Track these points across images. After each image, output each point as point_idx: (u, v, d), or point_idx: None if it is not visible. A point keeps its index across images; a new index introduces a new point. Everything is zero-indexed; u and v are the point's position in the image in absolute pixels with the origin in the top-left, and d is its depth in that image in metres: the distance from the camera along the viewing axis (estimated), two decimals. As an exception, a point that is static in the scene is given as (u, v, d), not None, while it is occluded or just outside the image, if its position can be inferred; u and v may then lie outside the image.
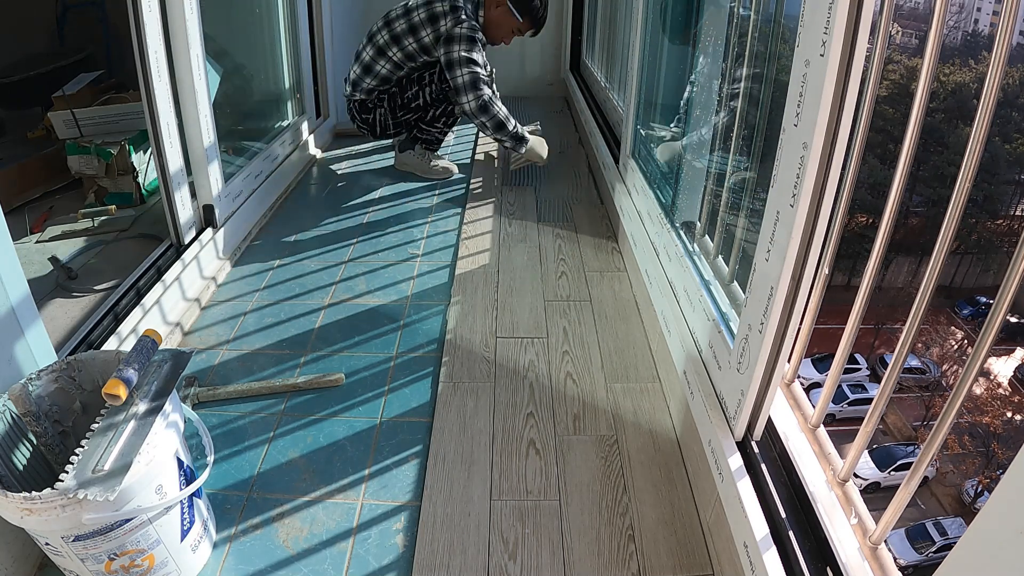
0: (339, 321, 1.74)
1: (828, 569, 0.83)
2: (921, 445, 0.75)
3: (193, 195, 1.89)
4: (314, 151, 3.00)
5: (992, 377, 11.02)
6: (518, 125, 2.51)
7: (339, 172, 2.84)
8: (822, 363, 10.30)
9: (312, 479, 1.25)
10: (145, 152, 2.26)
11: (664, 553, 1.10)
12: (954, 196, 0.69)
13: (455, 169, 2.77)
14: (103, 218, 2.05)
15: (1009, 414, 10.52)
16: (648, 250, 1.69)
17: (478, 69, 2.40)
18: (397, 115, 2.62)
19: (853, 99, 0.79)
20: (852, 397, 10.14)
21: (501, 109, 2.44)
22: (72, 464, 0.87)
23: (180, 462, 0.99)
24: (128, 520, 0.92)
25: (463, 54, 2.37)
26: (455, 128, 3.24)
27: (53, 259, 1.74)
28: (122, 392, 0.93)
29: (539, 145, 2.60)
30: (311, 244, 2.18)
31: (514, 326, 1.71)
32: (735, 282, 1.29)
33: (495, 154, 2.94)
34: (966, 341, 12.10)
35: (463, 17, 2.40)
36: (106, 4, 3.01)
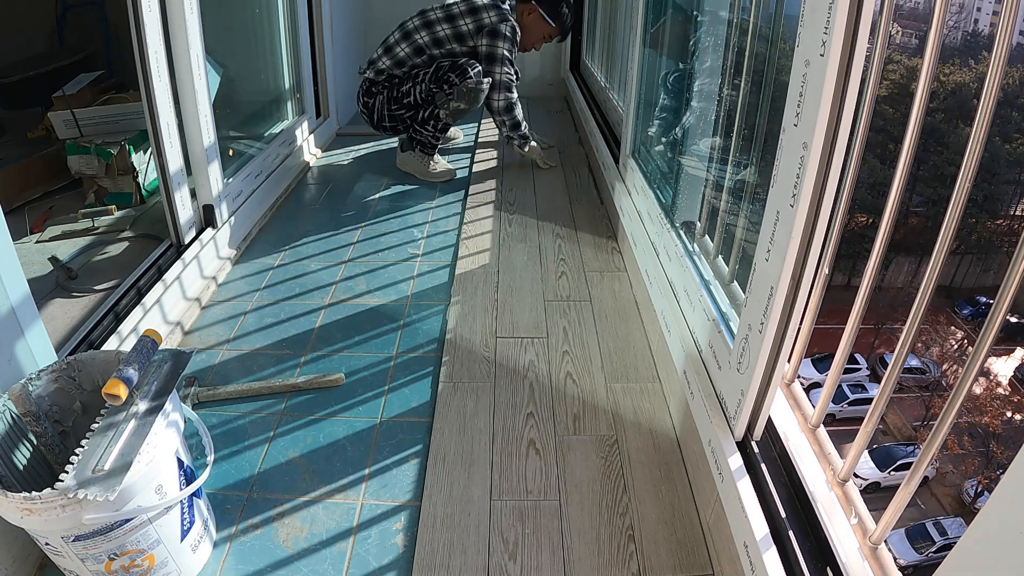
0: (339, 321, 1.75)
1: (828, 569, 0.83)
2: (921, 445, 0.75)
3: (193, 195, 1.89)
4: (314, 151, 3.00)
5: (992, 377, 11.01)
6: (527, 128, 2.75)
7: (339, 172, 2.84)
8: (822, 363, 10.28)
9: (312, 479, 1.25)
10: (145, 152, 2.26)
11: (664, 553, 1.10)
12: (954, 196, 0.69)
13: (454, 172, 2.77)
14: (103, 218, 2.05)
15: (1009, 414, 10.51)
16: (648, 250, 1.69)
17: (512, 73, 2.56)
18: (391, 107, 2.63)
19: (853, 99, 0.79)
20: (852, 397, 10.13)
21: (520, 112, 2.68)
22: (72, 464, 0.87)
23: (180, 462, 0.99)
24: (128, 520, 0.92)
25: (506, 53, 2.50)
26: (462, 126, 3.26)
27: (53, 259, 1.74)
28: (122, 392, 0.93)
29: (539, 151, 2.84)
30: (311, 244, 2.18)
31: (514, 326, 1.71)
32: (735, 282, 1.29)
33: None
34: (966, 341, 12.09)
35: (508, 17, 2.50)
36: (106, 4, 3.01)
